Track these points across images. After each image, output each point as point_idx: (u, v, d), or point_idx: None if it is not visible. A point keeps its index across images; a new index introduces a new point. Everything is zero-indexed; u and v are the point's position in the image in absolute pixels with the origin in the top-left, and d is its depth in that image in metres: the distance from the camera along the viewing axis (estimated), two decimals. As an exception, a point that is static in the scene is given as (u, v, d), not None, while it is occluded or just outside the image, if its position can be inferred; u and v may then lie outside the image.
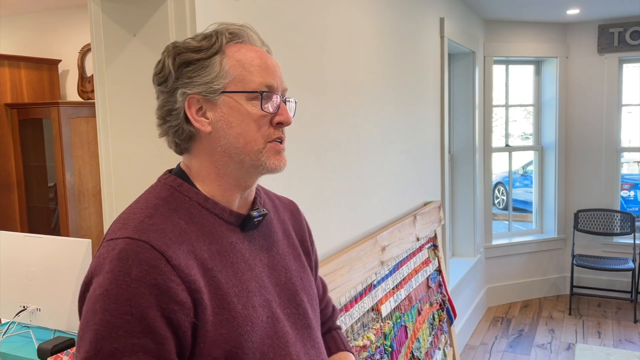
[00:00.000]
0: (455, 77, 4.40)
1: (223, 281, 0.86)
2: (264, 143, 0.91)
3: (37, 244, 1.95)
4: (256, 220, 0.95)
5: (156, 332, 0.77)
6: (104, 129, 1.45)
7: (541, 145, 5.16)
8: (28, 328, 1.98)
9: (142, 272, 0.77)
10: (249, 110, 0.90)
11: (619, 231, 4.84)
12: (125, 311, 0.76)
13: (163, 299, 0.78)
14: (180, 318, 0.79)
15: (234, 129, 0.89)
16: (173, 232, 0.84)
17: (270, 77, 0.92)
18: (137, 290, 0.76)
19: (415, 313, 2.65)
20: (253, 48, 0.93)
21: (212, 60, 0.89)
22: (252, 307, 0.88)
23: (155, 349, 0.77)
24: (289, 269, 1.00)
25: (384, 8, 2.55)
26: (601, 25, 4.82)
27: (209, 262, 0.85)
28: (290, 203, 1.15)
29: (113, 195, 1.45)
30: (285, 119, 0.93)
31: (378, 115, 2.51)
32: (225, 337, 0.83)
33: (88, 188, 3.56)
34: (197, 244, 0.86)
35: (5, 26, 4.23)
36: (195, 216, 0.89)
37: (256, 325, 0.87)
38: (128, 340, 0.76)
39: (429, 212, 3.04)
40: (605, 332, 4.23)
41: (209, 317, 0.82)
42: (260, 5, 1.63)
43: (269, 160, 0.91)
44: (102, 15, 1.41)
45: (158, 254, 0.79)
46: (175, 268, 0.79)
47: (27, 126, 3.67)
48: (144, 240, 0.80)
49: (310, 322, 1.00)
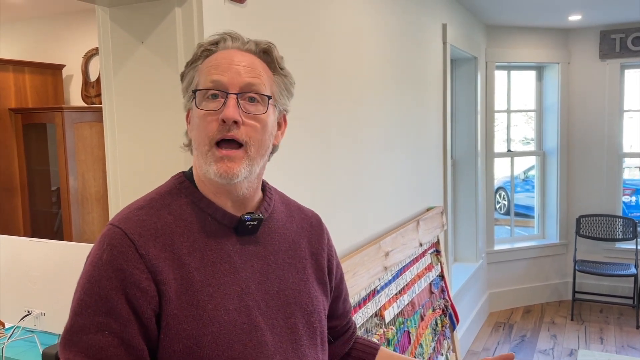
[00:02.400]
0: (458, 82, 4.41)
1: (198, 279, 0.86)
2: (209, 144, 0.88)
3: (41, 248, 1.95)
4: (249, 224, 0.93)
5: (119, 313, 0.81)
6: (111, 134, 1.45)
7: (543, 151, 5.17)
8: (32, 333, 1.99)
9: (111, 256, 0.83)
10: (196, 110, 0.90)
11: (621, 237, 4.84)
12: (95, 292, 0.82)
13: (126, 283, 0.82)
14: (142, 304, 0.82)
15: (193, 132, 0.92)
16: (154, 224, 0.87)
17: (216, 73, 0.89)
18: (105, 273, 0.82)
19: (418, 319, 2.65)
20: (222, 52, 0.92)
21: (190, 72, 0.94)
22: (225, 310, 0.87)
23: (118, 330, 0.81)
24: (285, 279, 0.97)
25: (387, 14, 2.56)
26: (603, 31, 4.83)
27: (186, 258, 0.87)
28: (313, 215, 1.12)
29: (120, 199, 1.46)
30: (224, 115, 0.86)
31: (381, 120, 2.52)
32: (188, 332, 0.83)
33: (91, 192, 3.57)
34: (179, 240, 0.87)
35: (9, 31, 4.25)
36: (185, 213, 0.90)
37: (225, 329, 0.86)
38: (95, 319, 0.81)
39: (431, 218, 3.04)
40: (607, 338, 4.23)
41: (172, 310, 0.83)
42: (266, 11, 1.64)
43: (211, 167, 0.88)
44: (110, 23, 1.42)
45: (128, 241, 0.84)
46: (143, 257, 0.83)
47: (30, 131, 3.68)
48: (120, 228, 0.85)
49: (299, 337, 0.95)
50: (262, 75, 0.92)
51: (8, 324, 2.05)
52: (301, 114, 1.79)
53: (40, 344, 1.90)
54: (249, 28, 1.54)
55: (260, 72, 0.92)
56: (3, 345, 1.86)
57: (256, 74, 0.91)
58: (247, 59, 0.91)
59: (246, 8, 1.54)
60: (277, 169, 1.47)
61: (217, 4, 1.41)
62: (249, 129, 0.89)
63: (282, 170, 1.69)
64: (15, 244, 2.01)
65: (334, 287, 1.10)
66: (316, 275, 1.04)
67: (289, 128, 1.03)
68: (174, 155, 1.37)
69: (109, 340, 0.80)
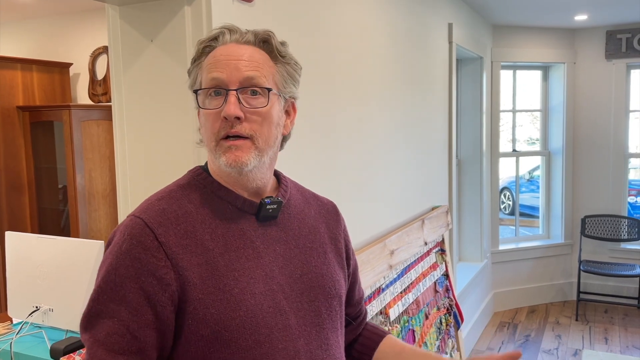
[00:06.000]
0: (463, 82, 4.41)
1: (222, 263, 0.87)
2: (215, 140, 0.91)
3: (50, 245, 1.97)
4: (269, 207, 0.94)
5: (130, 302, 0.83)
6: (120, 132, 1.47)
7: (548, 151, 5.16)
8: (40, 328, 2.00)
9: (130, 245, 0.85)
10: (202, 109, 0.93)
11: (626, 237, 4.83)
12: (111, 279, 0.84)
13: (142, 272, 0.84)
14: (157, 292, 0.84)
15: (201, 130, 0.95)
16: (175, 213, 0.89)
17: (215, 70, 0.90)
18: (123, 261, 0.84)
19: (422, 317, 2.66)
20: (222, 47, 0.92)
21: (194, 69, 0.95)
22: (251, 294, 0.88)
23: (126, 319, 0.83)
24: (308, 263, 0.98)
25: (394, 14, 2.57)
26: (609, 31, 4.82)
27: (209, 244, 0.88)
28: (329, 203, 1.13)
29: (129, 197, 1.47)
30: (225, 112, 0.88)
31: (387, 119, 2.52)
32: (215, 317, 0.85)
33: (98, 190, 3.59)
34: (201, 227, 0.89)
35: (17, 29, 4.27)
36: (206, 202, 0.92)
37: (252, 312, 0.87)
38: (109, 305, 0.84)
39: (436, 217, 3.05)
40: (612, 338, 4.22)
41: (198, 294, 0.85)
42: (274, 10, 1.65)
43: (219, 159, 0.90)
44: (120, 21, 1.43)
45: (148, 230, 0.85)
46: (162, 244, 0.85)
47: (38, 128, 3.71)
48: (140, 218, 0.87)
49: (322, 321, 0.97)
50: (262, 67, 0.91)
51: (16, 319, 2.07)
52: (307, 112, 1.80)
53: (49, 339, 1.92)
54: (257, 27, 1.54)
55: (260, 63, 0.91)
56: (11, 341, 1.87)
57: (255, 66, 0.91)
58: (246, 52, 0.91)
59: (254, 7, 1.55)
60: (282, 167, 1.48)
61: (226, 2, 1.42)
62: (253, 124, 0.90)
63: (288, 168, 1.70)
64: (24, 240, 2.03)
65: (350, 273, 1.12)
66: (336, 259, 1.06)
67: (295, 126, 1.03)
68: (183, 153, 1.38)
69: (116, 327, 0.83)
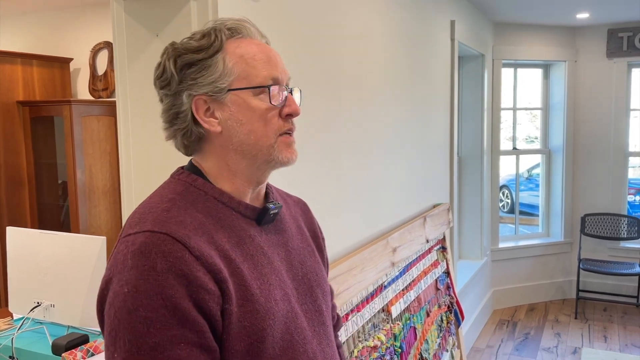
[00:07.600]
0: (464, 79, 4.40)
1: (246, 272, 0.84)
2: (275, 137, 0.90)
3: (52, 240, 1.96)
4: (272, 213, 0.94)
5: (192, 321, 0.76)
6: (124, 127, 1.46)
7: (548, 149, 5.16)
8: (42, 324, 2.00)
9: (168, 263, 0.76)
10: (256, 105, 0.88)
11: (625, 236, 4.84)
12: (159, 305, 0.75)
13: (192, 288, 0.76)
14: (212, 306, 0.78)
15: (245, 126, 0.88)
16: (192, 224, 0.82)
17: (274, 70, 0.90)
18: (166, 282, 0.75)
19: (424, 314, 2.66)
20: (253, 42, 0.91)
21: (214, 59, 0.88)
22: (274, 301, 0.86)
23: (195, 338, 0.77)
24: (305, 264, 0.99)
25: (396, 11, 2.56)
26: (610, 30, 4.82)
27: (231, 253, 0.84)
28: (299, 200, 1.13)
29: (132, 193, 1.47)
30: (294, 110, 0.92)
31: (389, 117, 2.52)
32: (248, 330, 0.81)
33: (98, 186, 3.58)
34: (217, 236, 0.84)
35: (17, 24, 4.25)
36: (212, 209, 0.88)
37: (277, 320, 0.85)
38: (167, 333, 0.75)
39: (438, 214, 3.05)
40: (611, 336, 4.23)
41: (234, 308, 0.81)
42: (278, 8, 1.64)
43: (280, 154, 0.91)
44: (125, 16, 1.42)
45: (180, 244, 0.78)
46: (199, 258, 0.78)
47: (38, 124, 3.69)
48: (164, 232, 0.79)
49: (325, 319, 0.99)
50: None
51: (17, 315, 2.06)
52: (309, 111, 1.80)
53: (50, 335, 1.91)
54: (262, 24, 1.54)
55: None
56: (13, 336, 1.86)
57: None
58: (278, 54, 0.94)
59: (259, 3, 1.54)
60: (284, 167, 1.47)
61: (232, -3, 1.41)
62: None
63: (290, 168, 1.69)
64: (26, 235, 2.02)
65: (328, 269, 1.13)
66: (320, 256, 1.08)
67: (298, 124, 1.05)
68: (187, 149, 1.37)
69: (188, 351, 0.76)
